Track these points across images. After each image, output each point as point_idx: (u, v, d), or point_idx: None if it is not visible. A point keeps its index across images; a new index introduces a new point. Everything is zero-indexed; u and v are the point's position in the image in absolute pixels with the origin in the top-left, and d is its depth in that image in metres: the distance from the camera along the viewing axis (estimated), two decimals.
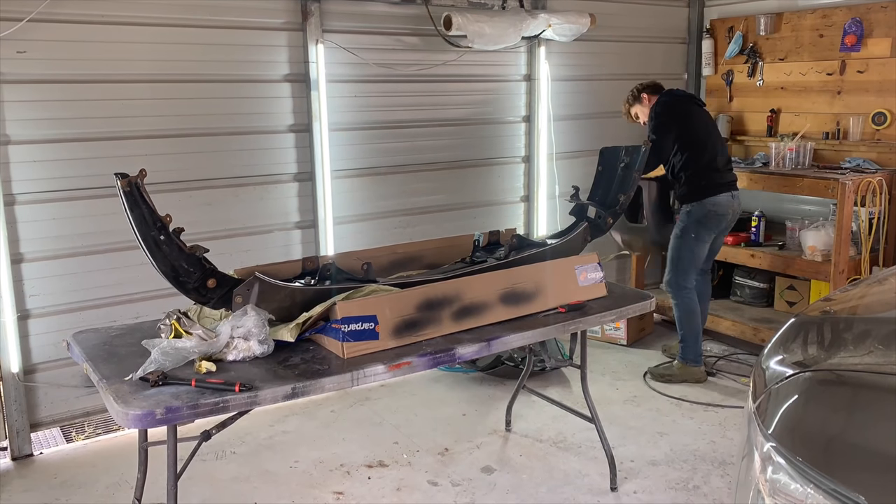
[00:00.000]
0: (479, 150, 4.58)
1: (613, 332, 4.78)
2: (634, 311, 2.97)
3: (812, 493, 1.33)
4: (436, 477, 3.24)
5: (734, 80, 5.14)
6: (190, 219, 3.20)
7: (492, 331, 2.60)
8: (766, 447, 1.46)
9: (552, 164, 4.79)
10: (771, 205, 4.87)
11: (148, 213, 2.21)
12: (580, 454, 3.42)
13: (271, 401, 2.15)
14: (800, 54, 4.76)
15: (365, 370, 2.28)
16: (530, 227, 4.83)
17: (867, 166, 4.32)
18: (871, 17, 4.40)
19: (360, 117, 4.11)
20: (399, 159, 4.29)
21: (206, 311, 2.43)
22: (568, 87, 4.83)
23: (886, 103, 4.37)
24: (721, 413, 3.82)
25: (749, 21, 4.98)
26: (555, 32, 4.45)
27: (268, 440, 3.58)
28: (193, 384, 2.08)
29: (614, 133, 4.94)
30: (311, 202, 4.01)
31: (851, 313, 2.11)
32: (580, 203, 3.31)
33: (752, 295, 4.87)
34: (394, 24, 4.13)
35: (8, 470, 3.35)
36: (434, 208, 4.44)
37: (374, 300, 2.43)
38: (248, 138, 3.80)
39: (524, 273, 2.79)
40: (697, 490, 3.12)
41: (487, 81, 4.54)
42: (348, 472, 3.29)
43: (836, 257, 4.03)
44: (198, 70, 3.62)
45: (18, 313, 3.34)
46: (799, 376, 1.64)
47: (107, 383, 2.12)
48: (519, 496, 3.09)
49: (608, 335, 4.80)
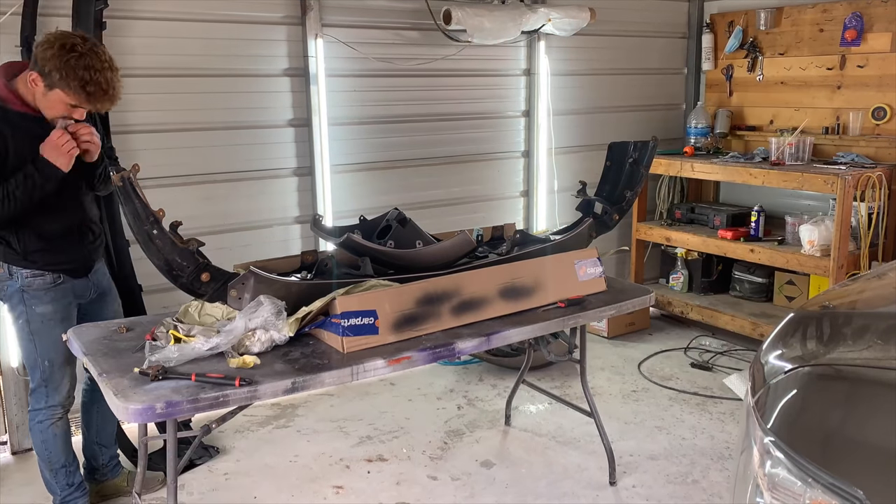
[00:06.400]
0: (478, 144, 4.58)
1: (596, 323, 4.74)
2: (634, 305, 2.96)
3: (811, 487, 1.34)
4: (435, 471, 3.25)
5: (734, 75, 5.13)
6: (189, 213, 3.21)
7: (491, 325, 2.60)
8: (765, 441, 1.47)
9: (552, 159, 4.79)
10: (770, 200, 4.86)
11: (141, 207, 2.22)
12: (579, 448, 3.42)
13: (271, 395, 2.16)
14: (800, 49, 4.76)
15: (364, 365, 2.28)
16: (530, 222, 4.83)
17: (861, 161, 4.32)
18: (871, 11, 4.39)
19: (360, 112, 4.11)
20: (398, 154, 4.29)
21: (206, 309, 2.43)
22: (568, 82, 4.82)
23: (886, 98, 4.37)
24: (720, 407, 3.83)
25: (749, 15, 4.97)
26: (554, 27, 4.44)
27: (268, 434, 3.59)
28: (193, 378, 2.08)
29: (614, 128, 4.95)
30: (310, 197, 4.01)
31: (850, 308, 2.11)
32: (587, 198, 3.30)
33: (752, 290, 4.87)
34: (393, 18, 4.12)
35: (8, 464, 3.36)
36: (433, 203, 4.43)
37: (373, 295, 2.43)
38: (247, 133, 3.79)
39: (524, 268, 2.79)
40: (696, 484, 3.13)
41: (487, 76, 4.53)
42: (348, 466, 3.30)
43: (836, 252, 4.03)
44: (197, 64, 3.61)
45: None
46: (798, 371, 1.64)
47: (107, 377, 2.12)
48: (518, 490, 3.10)
49: (592, 326, 4.75)
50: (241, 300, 2.39)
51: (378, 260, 2.68)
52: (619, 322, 4.80)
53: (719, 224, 4.75)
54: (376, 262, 2.67)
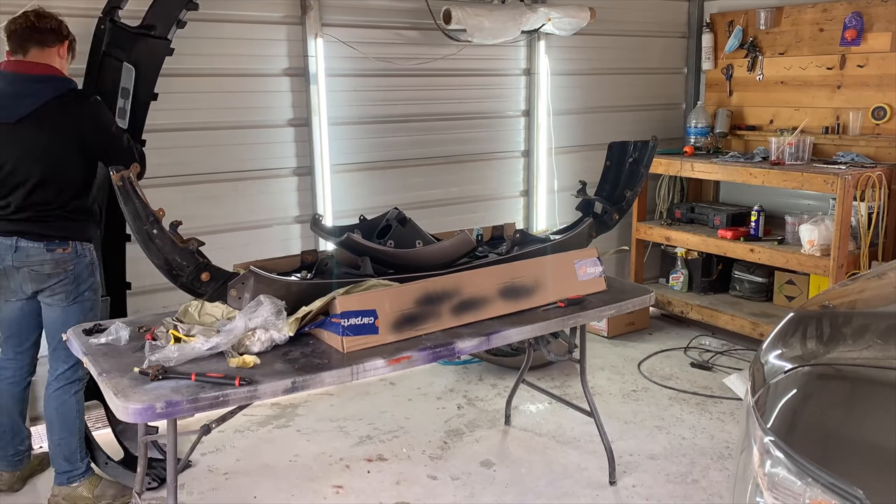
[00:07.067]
0: (478, 144, 4.58)
1: (596, 323, 4.75)
2: (634, 305, 2.96)
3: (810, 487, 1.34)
4: (435, 471, 3.25)
5: (734, 75, 5.13)
6: (189, 213, 3.21)
7: (491, 325, 2.60)
8: (765, 441, 1.47)
9: (552, 159, 4.79)
10: (770, 199, 4.86)
11: (141, 207, 2.22)
12: (579, 448, 3.42)
13: (271, 395, 2.16)
14: (800, 48, 4.76)
15: (364, 364, 2.28)
16: (529, 221, 4.83)
17: (861, 161, 4.32)
18: (871, 11, 4.39)
19: (360, 112, 4.11)
20: (398, 154, 4.28)
21: (206, 309, 2.43)
22: (567, 82, 4.82)
23: (886, 98, 4.37)
24: (720, 407, 3.83)
25: (749, 15, 4.97)
26: (554, 26, 4.44)
27: (267, 434, 3.59)
28: (193, 378, 2.09)
29: (614, 127, 4.95)
30: (310, 196, 4.01)
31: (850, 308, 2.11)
32: (587, 198, 3.30)
33: (751, 289, 4.87)
34: (393, 18, 4.12)
35: None
36: (433, 202, 4.43)
37: (373, 294, 2.44)
38: (247, 132, 3.79)
39: (524, 268, 2.79)
40: (696, 484, 3.13)
41: (487, 76, 4.53)
42: (348, 466, 3.30)
43: (836, 252, 4.03)
44: (196, 64, 3.60)
45: None
46: (798, 371, 1.64)
47: (106, 377, 2.12)
48: (518, 490, 3.10)
49: (592, 326, 4.76)
50: (241, 300, 2.39)
51: (378, 260, 2.68)
52: (618, 322, 4.80)
53: (719, 224, 4.75)
54: (376, 262, 2.67)
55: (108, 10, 3.03)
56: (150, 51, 3.05)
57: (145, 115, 3.13)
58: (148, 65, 3.07)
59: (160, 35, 3.07)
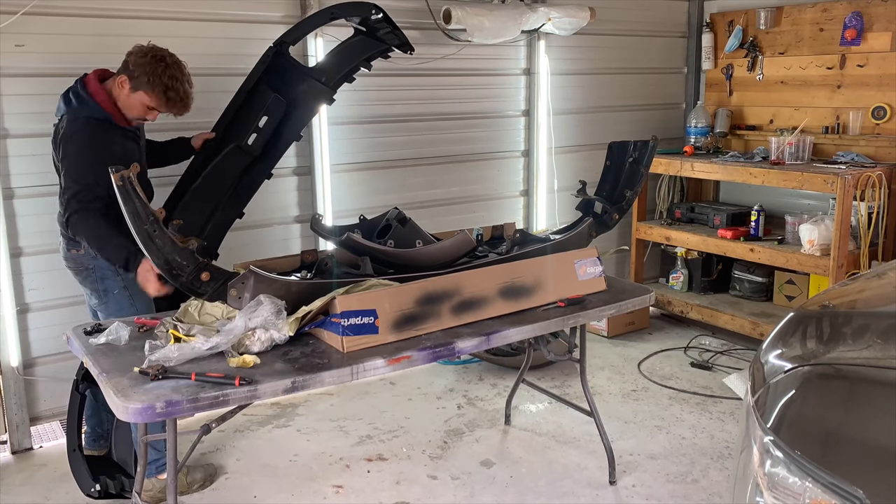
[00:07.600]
0: (478, 144, 4.58)
1: (596, 322, 4.76)
2: (634, 305, 2.96)
3: (810, 486, 1.34)
4: (435, 470, 3.25)
5: (734, 75, 5.13)
6: None
7: (491, 325, 2.60)
8: (765, 441, 1.47)
9: (552, 159, 4.79)
10: (770, 199, 4.86)
11: (141, 207, 2.22)
12: (579, 448, 3.43)
13: (271, 395, 2.16)
14: (800, 48, 4.76)
15: (364, 364, 2.28)
16: (529, 221, 4.83)
17: (861, 161, 4.32)
18: (871, 11, 4.39)
19: (360, 111, 4.11)
20: (398, 153, 4.28)
21: (206, 308, 2.43)
22: (567, 81, 4.82)
23: (886, 97, 4.37)
24: (720, 407, 3.83)
25: (749, 15, 4.97)
26: (554, 26, 4.44)
27: (267, 433, 3.59)
28: (193, 378, 2.09)
29: (614, 127, 4.95)
30: (310, 196, 4.01)
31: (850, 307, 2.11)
32: (586, 198, 3.30)
33: (751, 289, 4.87)
34: (393, 17, 4.10)
35: (8, 464, 3.36)
36: (433, 202, 4.43)
37: (373, 294, 2.43)
38: None
39: (524, 267, 2.79)
40: (696, 483, 3.13)
41: (487, 75, 4.53)
42: (348, 466, 3.30)
43: (836, 251, 4.03)
44: (195, 64, 3.55)
45: (18, 307, 3.34)
46: (797, 370, 1.64)
47: (107, 377, 2.12)
48: (518, 489, 3.10)
49: (592, 326, 4.77)
50: (240, 299, 2.39)
51: (378, 259, 2.68)
52: (618, 321, 4.80)
53: (719, 223, 4.76)
54: (376, 262, 2.67)
55: (280, 42, 3.14)
56: (311, 94, 3.15)
57: (283, 152, 3.25)
58: (304, 107, 3.17)
59: (326, 82, 3.16)
